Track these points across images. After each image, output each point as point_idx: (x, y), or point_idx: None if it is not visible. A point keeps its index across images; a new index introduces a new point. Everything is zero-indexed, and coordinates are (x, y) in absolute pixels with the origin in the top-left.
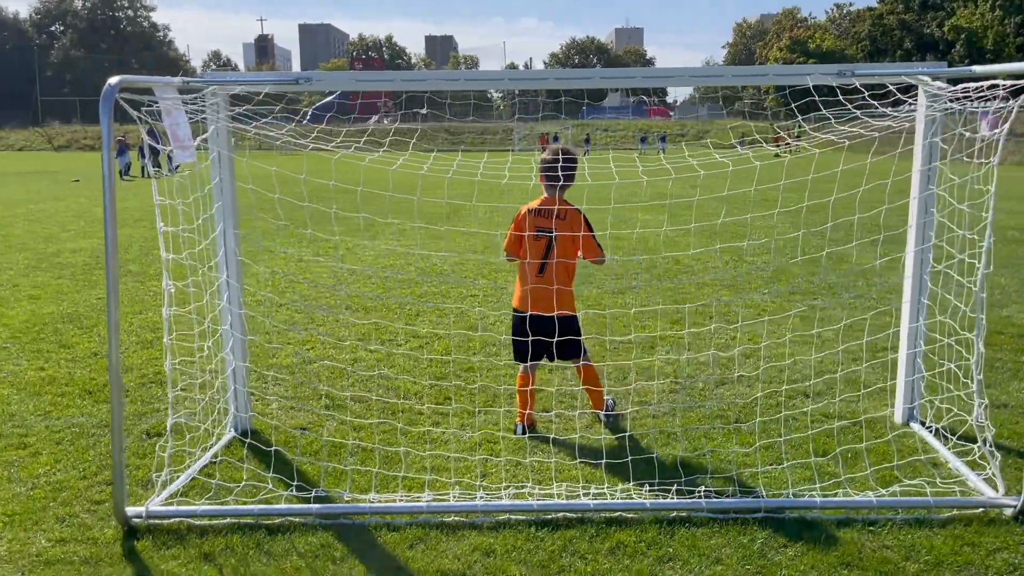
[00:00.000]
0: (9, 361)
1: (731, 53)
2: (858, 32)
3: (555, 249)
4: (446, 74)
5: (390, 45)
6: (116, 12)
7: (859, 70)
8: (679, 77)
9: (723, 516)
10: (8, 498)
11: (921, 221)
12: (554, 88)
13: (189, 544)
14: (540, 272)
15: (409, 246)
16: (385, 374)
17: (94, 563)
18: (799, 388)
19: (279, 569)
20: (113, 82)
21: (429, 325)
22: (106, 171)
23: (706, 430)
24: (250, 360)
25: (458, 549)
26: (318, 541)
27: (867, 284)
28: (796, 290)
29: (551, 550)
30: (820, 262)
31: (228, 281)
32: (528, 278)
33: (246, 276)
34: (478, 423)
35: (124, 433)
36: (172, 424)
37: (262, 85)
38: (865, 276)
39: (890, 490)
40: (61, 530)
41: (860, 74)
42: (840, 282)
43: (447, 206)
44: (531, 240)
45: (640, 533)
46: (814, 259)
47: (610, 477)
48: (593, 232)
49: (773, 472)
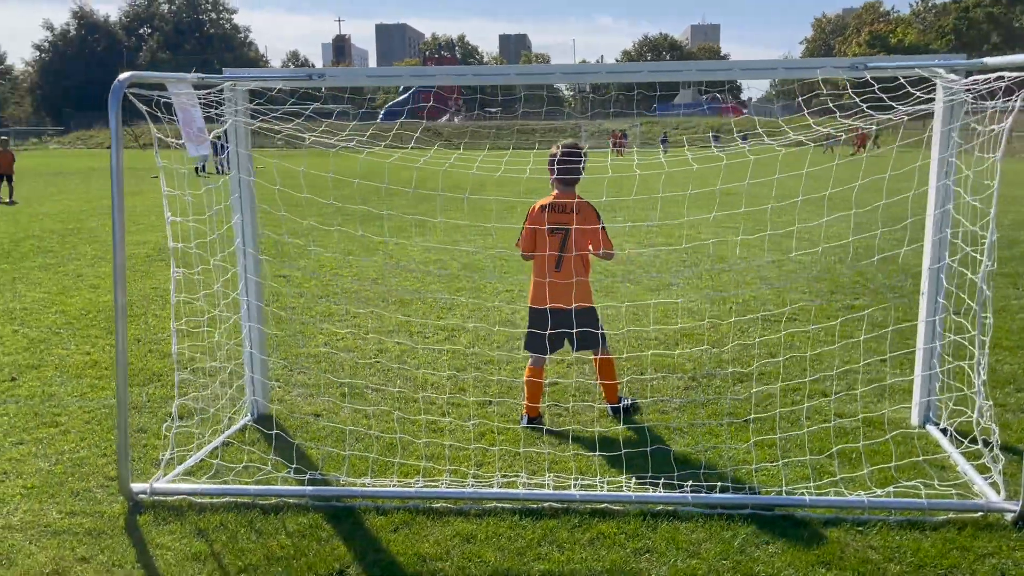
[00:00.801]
0: (60, 345)
1: (809, 49)
2: (943, 26)
3: (570, 243)
4: (454, 69)
5: (462, 44)
6: (200, 15)
7: (872, 63)
8: (686, 71)
9: (709, 511)
10: (32, 472)
11: (938, 213)
12: (560, 82)
13: (187, 520)
14: (557, 267)
15: (456, 242)
16: (406, 366)
17: (96, 535)
18: (818, 387)
19: (265, 546)
20: (122, 78)
21: (459, 319)
22: (114, 164)
23: (711, 426)
24: (281, 349)
25: (440, 534)
26: (307, 522)
27: (913, 285)
28: (838, 290)
29: (531, 538)
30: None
31: (245, 273)
32: (545, 273)
33: (293, 269)
34: (487, 414)
35: (142, 413)
36: (178, 406)
37: (276, 81)
38: (915, 277)
39: (885, 491)
40: (73, 503)
41: (873, 67)
42: (887, 283)
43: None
44: (547, 235)
45: (623, 525)
46: (863, 259)
47: (606, 470)
48: (603, 225)
49: (772, 469)
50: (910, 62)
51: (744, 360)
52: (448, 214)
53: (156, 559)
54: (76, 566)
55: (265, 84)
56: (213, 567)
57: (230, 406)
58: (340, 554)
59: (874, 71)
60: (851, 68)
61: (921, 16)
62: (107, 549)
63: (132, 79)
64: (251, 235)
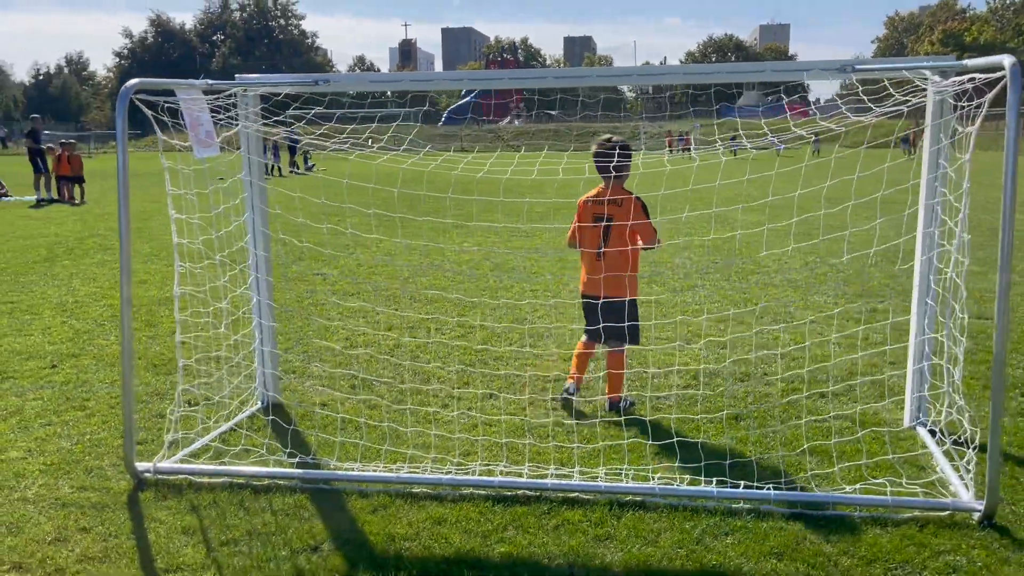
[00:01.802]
0: (100, 336)
1: (881, 48)
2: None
3: (612, 235)
4: (447, 74)
5: (525, 47)
6: (269, 22)
7: (859, 65)
8: (672, 74)
9: (676, 502)
10: (53, 450)
11: (929, 213)
12: (551, 86)
13: (184, 498)
14: (598, 259)
15: (494, 244)
16: (417, 361)
17: (100, 508)
18: (819, 388)
19: (250, 523)
20: (129, 84)
21: (477, 316)
22: (120, 163)
23: (699, 422)
24: (303, 343)
25: (414, 517)
26: (293, 502)
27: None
28: (864, 293)
29: (499, 523)
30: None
31: (255, 271)
32: (589, 264)
33: (333, 267)
34: (485, 407)
35: (164, 399)
36: (180, 391)
37: (283, 86)
38: None
39: (854, 488)
40: (85, 479)
41: (860, 69)
42: None
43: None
44: (589, 228)
45: (590, 513)
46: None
47: (585, 460)
48: (649, 218)
49: (750, 465)
50: (898, 64)
51: (748, 360)
52: (490, 216)
53: (149, 531)
54: (76, 535)
55: (272, 89)
56: (198, 540)
57: (240, 394)
58: (317, 532)
59: (862, 73)
60: (840, 70)
61: (999, 14)
62: (107, 521)
63: (139, 86)
64: (261, 233)
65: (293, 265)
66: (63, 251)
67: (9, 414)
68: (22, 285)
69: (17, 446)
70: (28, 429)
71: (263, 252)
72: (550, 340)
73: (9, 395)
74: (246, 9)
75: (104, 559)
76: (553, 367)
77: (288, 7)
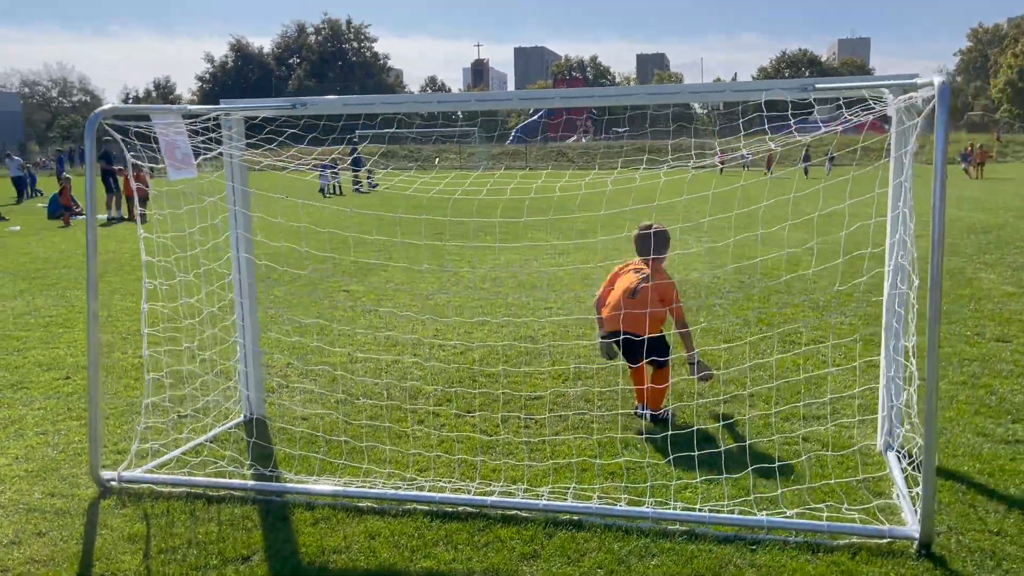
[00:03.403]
0: (120, 349)
1: (964, 61)
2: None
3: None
4: (418, 97)
5: (595, 65)
6: (343, 44)
7: (819, 83)
8: (637, 96)
9: (611, 522)
10: (39, 457)
11: (894, 240)
12: (518, 107)
13: (140, 506)
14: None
15: (528, 260)
16: (408, 378)
17: (61, 514)
18: (794, 410)
19: (193, 532)
20: (99, 111)
21: (484, 334)
22: (88, 184)
23: (652, 439)
24: (308, 357)
25: (350, 530)
26: (241, 512)
27: (973, 311)
28: None
29: (430, 538)
30: None
31: (240, 296)
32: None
33: (361, 282)
34: (459, 424)
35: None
36: (146, 405)
37: (261, 110)
38: (978, 301)
39: (793, 512)
40: (57, 486)
41: (821, 87)
42: (951, 309)
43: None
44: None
45: (523, 531)
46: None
47: (541, 479)
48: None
49: (700, 488)
50: (857, 82)
51: (740, 381)
52: (536, 234)
53: (98, 537)
54: (31, 539)
55: (250, 113)
56: (140, 547)
57: (219, 406)
58: (254, 542)
59: (821, 92)
60: (800, 89)
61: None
62: (62, 527)
63: (110, 112)
64: (244, 246)
65: (325, 280)
66: (114, 267)
67: (11, 422)
68: (65, 300)
69: (7, 453)
70: (23, 437)
71: (246, 269)
72: (547, 359)
73: (18, 404)
74: (321, 32)
75: (48, 562)
76: (542, 385)
77: (361, 30)
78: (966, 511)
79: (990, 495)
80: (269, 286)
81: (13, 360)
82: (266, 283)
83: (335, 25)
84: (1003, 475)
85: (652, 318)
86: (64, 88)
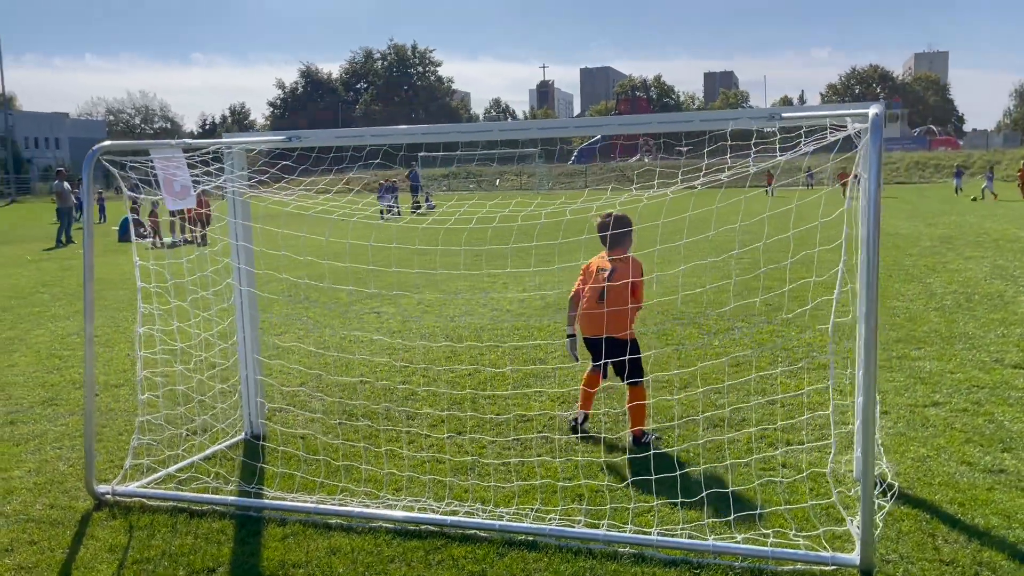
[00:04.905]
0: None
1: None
2: None
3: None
4: (403, 129)
5: (658, 84)
6: (409, 69)
7: (786, 112)
8: (608, 126)
9: (564, 543)
10: (49, 471)
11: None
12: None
13: (128, 519)
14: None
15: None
16: (415, 399)
17: (55, 524)
18: (767, 435)
19: (170, 544)
20: (97, 147)
21: (496, 357)
22: (86, 216)
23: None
24: (318, 376)
25: (314, 546)
26: (218, 526)
27: (999, 336)
28: (905, 339)
29: (387, 555)
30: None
31: (241, 314)
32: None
33: (393, 305)
34: (443, 444)
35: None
36: (139, 423)
37: (259, 143)
38: (1007, 327)
39: (741, 537)
40: (58, 498)
41: (787, 116)
42: (976, 333)
43: None
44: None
45: (476, 550)
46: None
47: (507, 499)
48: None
49: (663, 511)
50: (822, 112)
51: (720, 403)
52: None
53: (82, 547)
54: (24, 547)
55: (246, 146)
56: (117, 557)
57: (221, 423)
58: (222, 555)
59: (788, 121)
60: (768, 118)
61: None
62: (53, 537)
63: (105, 149)
64: (247, 274)
65: (360, 301)
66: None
67: (33, 437)
68: (114, 321)
69: (23, 466)
70: (40, 451)
71: (248, 300)
72: (551, 381)
73: (44, 420)
74: (387, 58)
75: (33, 569)
76: (538, 406)
77: (426, 54)
78: (923, 540)
79: (954, 525)
80: (307, 306)
81: (51, 378)
82: (304, 302)
83: (401, 50)
84: (975, 505)
85: (621, 316)
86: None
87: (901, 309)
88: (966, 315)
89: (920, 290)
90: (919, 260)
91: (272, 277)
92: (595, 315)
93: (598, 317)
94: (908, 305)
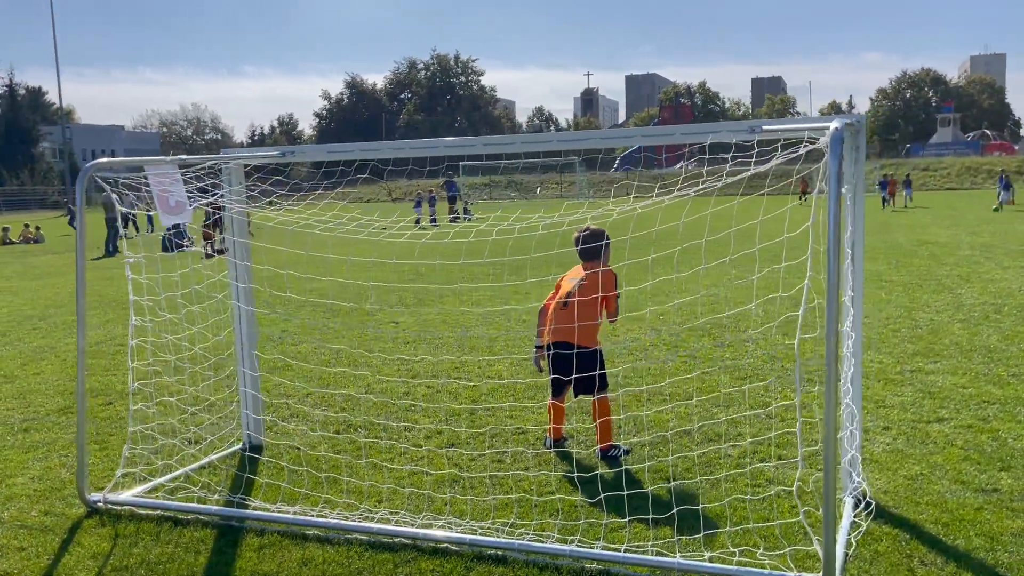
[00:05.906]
0: (165, 375)
1: None
2: None
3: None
4: (393, 144)
5: (703, 90)
6: (451, 79)
7: (765, 125)
8: (591, 140)
9: (533, 559)
10: (51, 478)
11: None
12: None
13: (115, 527)
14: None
15: None
16: (415, 410)
17: (46, 531)
18: (745, 450)
19: (150, 552)
20: (91, 164)
21: (502, 370)
22: (79, 232)
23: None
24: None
25: (287, 556)
26: (199, 536)
27: (1022, 350)
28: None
29: (355, 568)
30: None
31: (239, 325)
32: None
33: (411, 315)
34: (434, 457)
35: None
36: (132, 432)
37: (253, 159)
38: (1016, 341)
39: (708, 555)
40: (54, 505)
41: (767, 129)
42: (998, 346)
43: None
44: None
45: (443, 564)
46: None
47: (486, 513)
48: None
49: (636, 528)
50: (801, 124)
51: (693, 417)
52: None
53: (67, 554)
54: (12, 552)
55: (241, 161)
56: (99, 563)
57: (217, 433)
58: (198, 564)
59: (767, 134)
60: (748, 131)
61: None
62: (42, 543)
63: (98, 166)
64: (245, 289)
65: (380, 311)
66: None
67: (43, 445)
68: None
69: (27, 473)
70: (47, 459)
71: (246, 318)
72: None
73: (56, 428)
74: (430, 68)
75: (17, 575)
76: (532, 419)
77: (469, 64)
78: (900, 561)
79: (934, 546)
80: (328, 315)
81: (71, 386)
82: (326, 312)
83: (444, 60)
84: (960, 525)
85: (589, 328)
86: (198, 127)
87: (925, 321)
88: (991, 327)
89: (949, 301)
90: (954, 270)
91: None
92: (561, 325)
93: (564, 326)
94: (933, 317)
